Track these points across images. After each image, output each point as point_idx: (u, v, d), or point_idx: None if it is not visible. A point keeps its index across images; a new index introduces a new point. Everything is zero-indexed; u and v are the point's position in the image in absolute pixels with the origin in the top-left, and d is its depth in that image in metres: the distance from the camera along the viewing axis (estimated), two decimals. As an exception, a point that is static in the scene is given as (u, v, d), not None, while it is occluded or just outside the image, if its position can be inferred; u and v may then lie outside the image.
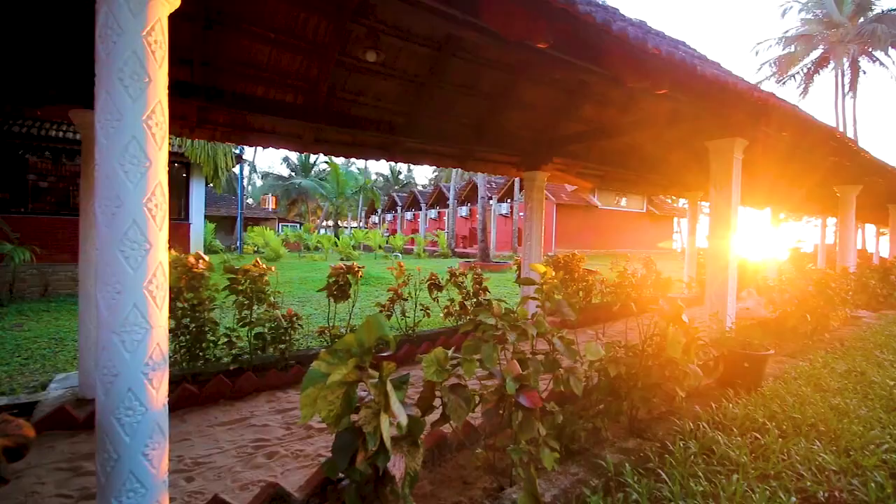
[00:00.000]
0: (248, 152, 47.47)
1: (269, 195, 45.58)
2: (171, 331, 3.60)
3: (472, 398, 1.67)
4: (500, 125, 6.00)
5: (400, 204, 47.85)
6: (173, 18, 1.74)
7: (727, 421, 2.98)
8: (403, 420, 1.29)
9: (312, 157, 49.45)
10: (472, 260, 20.59)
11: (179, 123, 4.25)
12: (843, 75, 32.38)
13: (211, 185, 12.42)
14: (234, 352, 3.97)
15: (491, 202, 30.24)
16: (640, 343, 2.76)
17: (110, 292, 1.52)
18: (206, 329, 3.75)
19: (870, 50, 30.86)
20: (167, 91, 1.69)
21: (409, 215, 47.20)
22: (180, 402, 3.37)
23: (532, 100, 5.93)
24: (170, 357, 3.69)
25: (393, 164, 59.35)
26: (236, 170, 21.87)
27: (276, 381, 3.88)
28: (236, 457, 2.73)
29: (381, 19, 4.17)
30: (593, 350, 2.19)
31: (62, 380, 3.76)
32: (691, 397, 3.38)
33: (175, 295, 3.59)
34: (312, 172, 50.32)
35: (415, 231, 40.84)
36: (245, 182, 34.17)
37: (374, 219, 55.22)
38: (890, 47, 30.91)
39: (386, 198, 52.26)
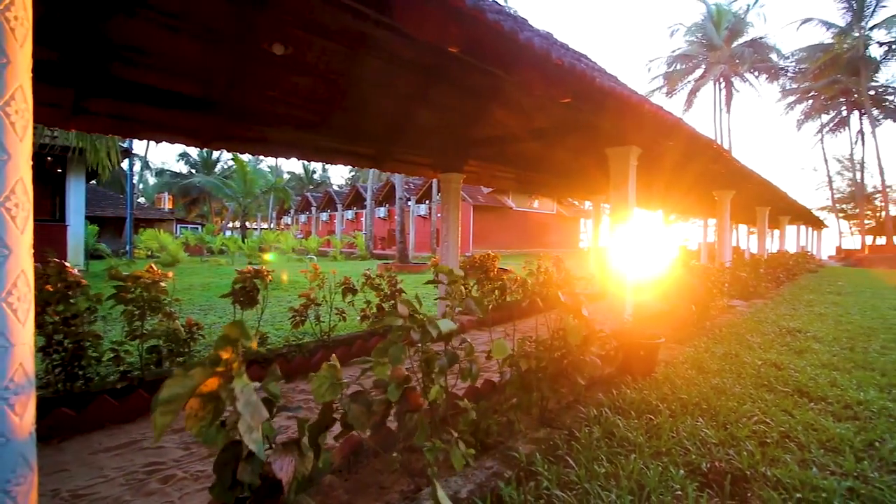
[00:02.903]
0: (140, 146, 43.18)
1: (165, 194, 41.75)
2: (41, 348, 3.16)
3: (373, 402, 1.66)
4: (416, 127, 6.01)
5: (314, 204, 46.26)
6: (38, -8, 1.51)
7: (626, 405, 3.23)
8: (250, 417, 1.22)
9: (216, 154, 46.26)
10: (390, 261, 20.45)
11: (51, 112, 3.75)
12: (720, 92, 36.78)
13: (94, 181, 11.11)
14: (122, 368, 3.56)
15: (409, 203, 30.26)
16: (549, 337, 2.90)
17: (-44, 306, 1.29)
18: (87, 344, 3.32)
19: (741, 71, 35.40)
20: (31, 75, 1.47)
21: (324, 216, 45.79)
22: (55, 429, 2.95)
23: (448, 103, 6.01)
24: (40, 378, 3.24)
25: (307, 162, 57.26)
26: (125, 165, 19.68)
27: (174, 398, 3.55)
28: (125, 485, 2.45)
29: (287, 10, 3.98)
30: (500, 347, 2.27)
31: None
32: (596, 385, 3.63)
33: (45, 307, 3.14)
34: (216, 170, 47.02)
35: (331, 232, 39.73)
36: (135, 179, 31.02)
37: (287, 220, 52.88)
38: (756, 70, 35.71)
39: (299, 198, 50.25)
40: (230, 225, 42.59)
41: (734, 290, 8.84)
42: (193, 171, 46.46)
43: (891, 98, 32.26)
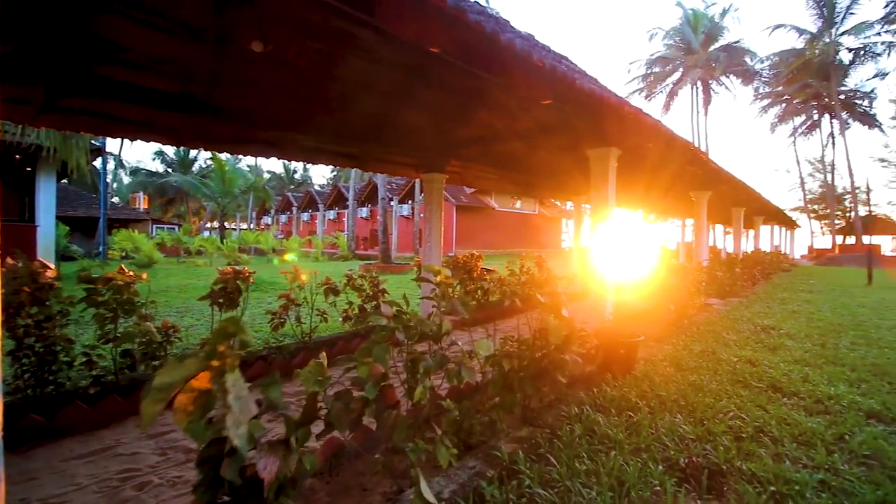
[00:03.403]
0: (114, 144, 42.02)
1: (140, 193, 40.72)
2: (10, 353, 3.05)
3: (351, 400, 1.65)
4: (399, 126, 5.98)
5: (295, 204, 45.79)
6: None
7: (606, 403, 3.27)
8: (239, 411, 1.21)
9: (193, 152, 45.39)
10: (373, 262, 20.33)
11: (19, 109, 3.63)
12: (697, 95, 37.55)
13: (65, 180, 10.80)
14: (94, 373, 3.45)
15: (392, 203, 30.16)
16: (531, 337, 2.92)
17: (-86, 310, 1.24)
18: (58, 348, 3.22)
19: (717, 75, 36.20)
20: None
21: (305, 216, 45.35)
22: (25, 436, 2.86)
23: (431, 103, 5.99)
24: (9, 383, 3.14)
25: (287, 162, 56.64)
26: (98, 164, 19.11)
27: (150, 402, 3.46)
28: (98, 492, 2.38)
29: (266, 7, 3.92)
30: (484, 346, 2.28)
31: None
32: (577, 383, 3.67)
33: (15, 310, 3.04)
34: (194, 168, 46.11)
35: (312, 233, 39.34)
36: (109, 178, 30.20)
37: (267, 220, 52.21)
38: (732, 74, 36.56)
39: (280, 198, 49.64)
40: (208, 225, 41.84)
41: (711, 288, 9.03)
42: (170, 170, 45.42)
43: (859, 102, 33.40)
